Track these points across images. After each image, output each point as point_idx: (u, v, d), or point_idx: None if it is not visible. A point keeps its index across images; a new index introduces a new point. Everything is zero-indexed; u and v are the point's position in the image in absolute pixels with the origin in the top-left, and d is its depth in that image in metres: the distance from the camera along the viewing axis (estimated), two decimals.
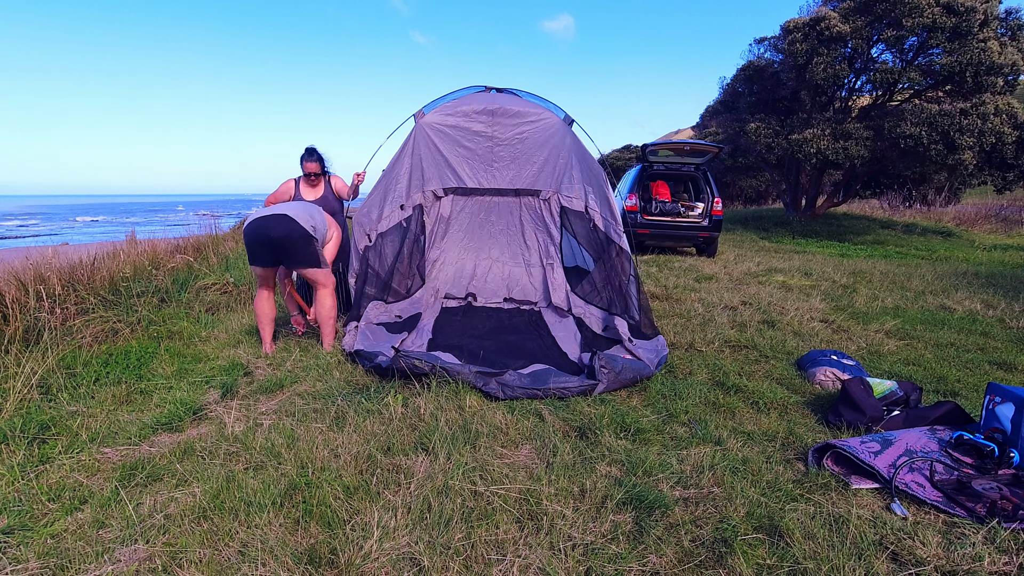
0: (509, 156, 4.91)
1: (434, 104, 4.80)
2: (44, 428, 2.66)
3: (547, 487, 2.11)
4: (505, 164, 4.95)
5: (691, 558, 1.76)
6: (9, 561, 1.75)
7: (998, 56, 11.22)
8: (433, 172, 4.91)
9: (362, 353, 3.49)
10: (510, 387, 3.02)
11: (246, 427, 2.62)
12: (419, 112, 4.74)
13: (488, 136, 4.80)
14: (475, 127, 4.75)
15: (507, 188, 5.03)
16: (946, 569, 1.71)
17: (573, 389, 3.07)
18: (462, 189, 5.02)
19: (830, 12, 12.54)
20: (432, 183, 4.94)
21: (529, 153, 4.89)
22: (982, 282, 6.80)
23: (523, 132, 4.79)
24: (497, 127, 4.77)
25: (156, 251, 6.40)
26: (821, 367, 3.37)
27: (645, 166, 9.73)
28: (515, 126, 4.77)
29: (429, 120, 4.72)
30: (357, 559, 1.71)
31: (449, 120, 4.73)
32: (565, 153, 4.79)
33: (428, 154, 4.83)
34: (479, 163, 4.95)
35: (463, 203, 5.11)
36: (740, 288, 6.19)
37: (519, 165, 4.95)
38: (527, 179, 4.99)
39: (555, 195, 4.91)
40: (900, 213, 18.27)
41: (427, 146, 4.80)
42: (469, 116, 4.72)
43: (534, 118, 4.75)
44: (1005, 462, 2.21)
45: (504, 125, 4.75)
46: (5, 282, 4.29)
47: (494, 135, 4.80)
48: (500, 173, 5.00)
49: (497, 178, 5.02)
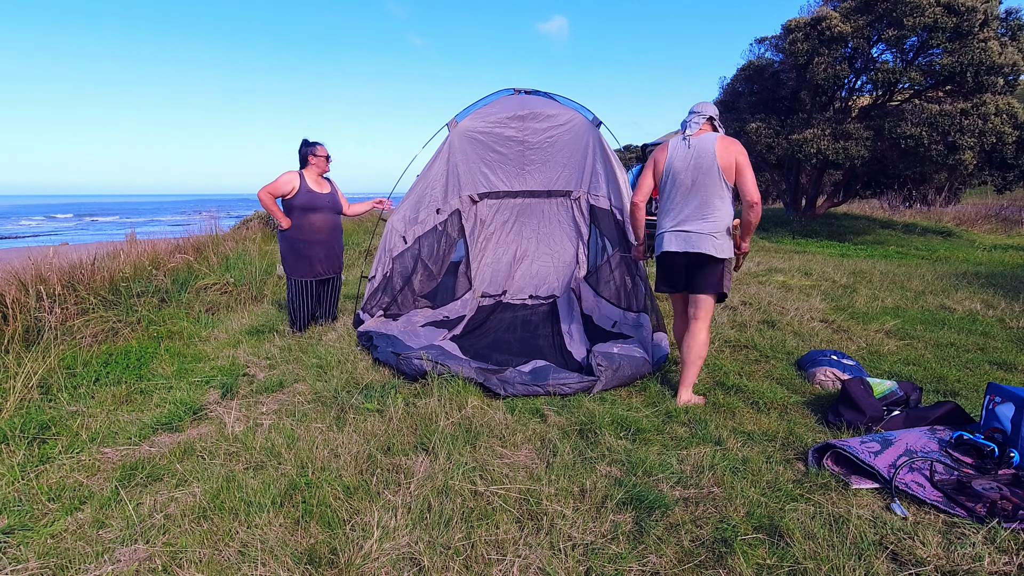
0: (540, 159, 5.03)
1: (466, 112, 4.91)
2: (44, 428, 2.66)
3: (547, 487, 2.11)
4: (536, 167, 5.08)
5: (691, 558, 1.76)
6: (9, 561, 1.75)
7: (998, 56, 11.21)
8: (468, 178, 5.06)
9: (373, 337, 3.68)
10: (510, 383, 3.04)
11: (246, 427, 2.62)
12: (452, 121, 4.85)
13: (519, 140, 4.94)
14: (507, 132, 4.89)
15: (539, 190, 5.15)
16: (946, 569, 1.71)
17: (572, 386, 3.08)
18: (496, 193, 5.18)
19: (831, 12, 12.53)
20: (468, 188, 5.08)
21: (559, 155, 4.99)
22: (982, 282, 6.80)
23: (552, 135, 4.90)
24: (528, 131, 4.90)
25: (156, 251, 6.40)
26: (821, 367, 3.37)
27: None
28: (545, 130, 4.88)
29: (463, 128, 4.85)
30: (357, 559, 1.71)
31: (481, 127, 4.86)
32: (592, 153, 4.86)
33: (463, 160, 4.97)
34: (511, 167, 5.10)
35: (498, 206, 5.26)
36: (740, 288, 6.19)
37: (550, 167, 5.07)
38: (557, 180, 5.10)
39: (585, 195, 4.98)
40: (900, 213, 18.26)
41: (462, 153, 4.94)
42: (501, 122, 4.86)
43: (563, 120, 4.84)
44: (1005, 462, 2.21)
45: (534, 129, 4.87)
46: (5, 282, 4.29)
47: (525, 139, 4.94)
48: (532, 176, 5.13)
49: (528, 181, 5.14)
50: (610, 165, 4.72)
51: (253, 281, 5.90)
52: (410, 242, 4.73)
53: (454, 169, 4.94)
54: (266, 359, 3.68)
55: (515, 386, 3.04)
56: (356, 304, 4.77)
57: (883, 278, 7.04)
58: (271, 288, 5.99)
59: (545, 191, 5.15)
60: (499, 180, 5.14)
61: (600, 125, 4.81)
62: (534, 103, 4.84)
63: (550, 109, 4.83)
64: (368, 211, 4.59)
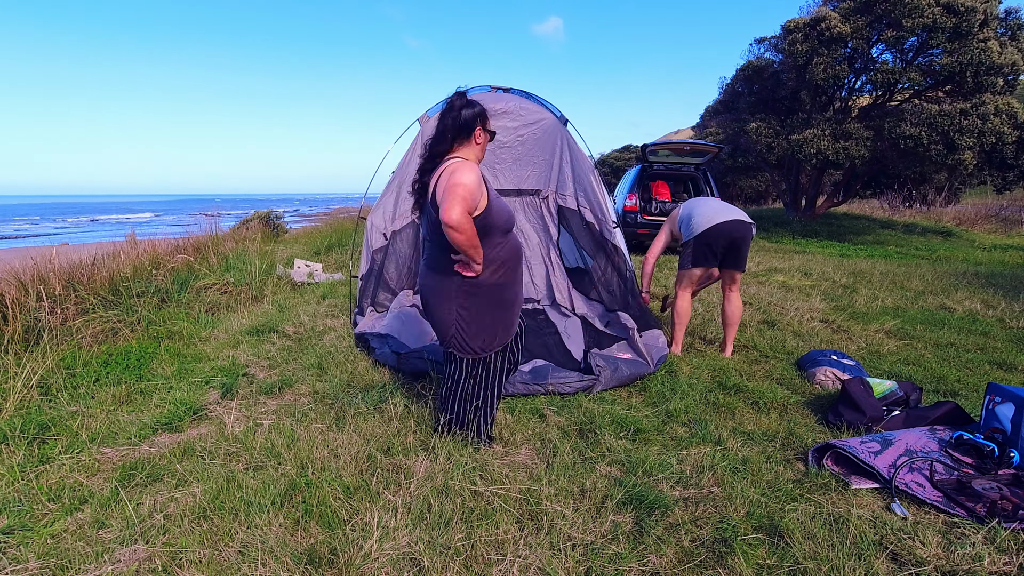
0: (511, 157, 4.97)
1: (437, 107, 4.84)
2: (44, 428, 2.66)
3: (547, 487, 2.11)
4: (507, 165, 5.02)
5: (691, 558, 1.76)
6: (9, 561, 1.75)
7: (998, 56, 11.21)
8: None
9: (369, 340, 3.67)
10: (511, 383, 3.03)
11: (246, 427, 2.62)
12: (424, 116, 4.78)
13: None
14: None
15: (510, 189, 5.09)
16: (946, 569, 1.71)
17: (573, 384, 3.08)
18: None
19: (830, 12, 12.53)
20: None
21: (530, 154, 4.94)
22: (982, 282, 6.80)
23: (523, 134, 4.84)
24: (499, 130, 4.83)
25: (156, 251, 6.39)
26: (821, 367, 3.37)
27: (645, 166, 9.74)
28: (516, 128, 4.82)
29: (433, 123, 4.78)
30: (357, 559, 1.70)
31: None
32: (560, 152, 4.84)
33: None
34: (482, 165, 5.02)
35: None
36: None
37: (521, 166, 5.01)
38: (528, 179, 5.05)
39: (553, 194, 4.96)
40: (900, 213, 18.25)
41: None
42: None
43: (533, 119, 4.80)
44: (1005, 462, 2.21)
45: (505, 128, 4.80)
46: (5, 282, 4.29)
47: (496, 138, 4.85)
48: (503, 174, 5.06)
49: (500, 179, 5.07)
50: (579, 164, 4.73)
51: (253, 281, 5.89)
52: (390, 237, 4.70)
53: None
54: (266, 359, 3.68)
55: (515, 385, 3.04)
56: (352, 304, 4.77)
57: (883, 278, 7.04)
58: (271, 288, 5.99)
59: (515, 190, 5.08)
60: None
61: (567, 123, 4.77)
62: (507, 101, 4.78)
63: (522, 107, 4.77)
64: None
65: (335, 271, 7.38)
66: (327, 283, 6.37)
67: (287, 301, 5.44)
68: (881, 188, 18.13)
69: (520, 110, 4.76)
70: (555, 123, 4.79)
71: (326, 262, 8.14)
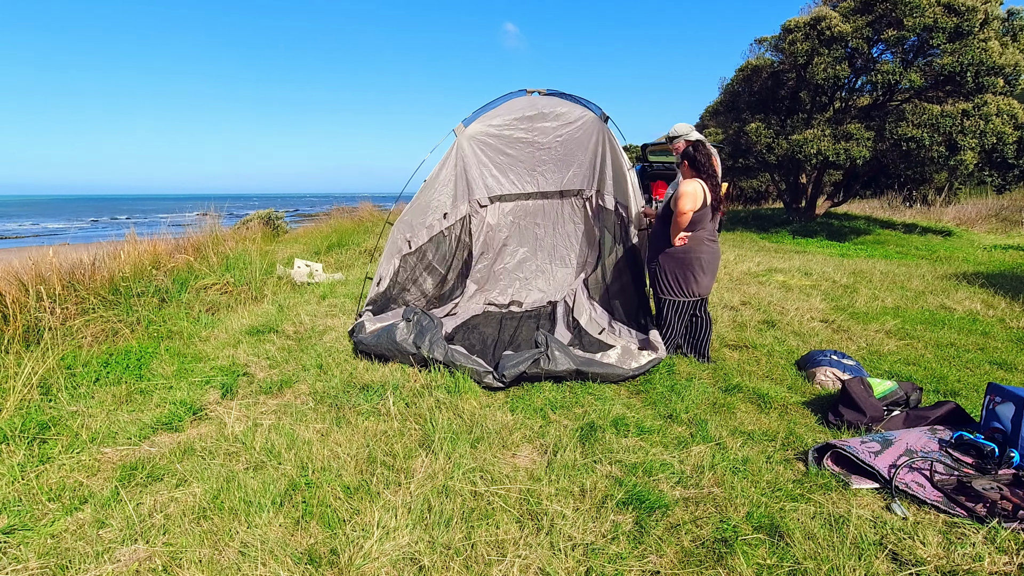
0: (551, 159, 4.95)
1: (475, 116, 4.82)
2: (44, 428, 2.66)
3: (547, 487, 2.11)
4: (548, 168, 5.00)
5: (691, 558, 1.76)
6: (9, 561, 1.75)
7: (999, 56, 11.20)
8: (478, 182, 5.02)
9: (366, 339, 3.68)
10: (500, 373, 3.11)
11: (246, 427, 2.62)
12: (459, 125, 4.77)
13: (529, 142, 4.85)
14: (516, 134, 4.81)
15: (551, 191, 5.08)
16: (946, 569, 1.71)
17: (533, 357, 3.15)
18: (507, 196, 5.11)
19: (830, 12, 12.52)
20: (478, 192, 5.03)
21: (571, 154, 4.90)
22: (982, 282, 6.80)
23: (562, 134, 4.80)
24: (536, 132, 4.81)
25: (156, 251, 6.39)
26: (821, 367, 3.37)
27: (645, 166, 9.74)
28: (554, 129, 4.78)
29: (471, 132, 4.78)
30: (357, 559, 1.70)
31: (490, 130, 4.80)
32: (600, 151, 4.77)
33: (472, 165, 4.91)
34: (522, 169, 5.03)
35: (509, 209, 5.20)
36: (740, 288, 6.19)
37: (563, 167, 4.98)
38: (570, 180, 5.01)
39: (596, 194, 4.88)
40: (900, 213, 18.23)
41: (471, 157, 4.89)
42: (510, 124, 4.77)
43: (572, 118, 4.73)
44: (1005, 462, 2.21)
45: (543, 130, 4.78)
46: (5, 282, 4.28)
47: (535, 140, 4.85)
48: (544, 177, 5.06)
49: (540, 182, 5.07)
50: (617, 162, 4.65)
51: (253, 281, 5.89)
52: (415, 247, 4.69)
53: (463, 174, 4.89)
54: (266, 359, 3.68)
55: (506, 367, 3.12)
56: (359, 304, 4.75)
57: (883, 278, 7.04)
58: (271, 288, 5.99)
59: (557, 192, 5.07)
60: (510, 183, 5.08)
61: (608, 120, 4.69)
62: (543, 103, 4.73)
63: (559, 108, 4.71)
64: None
65: (335, 271, 7.39)
66: (327, 283, 6.37)
67: (287, 301, 5.44)
68: (881, 188, 18.13)
69: (557, 110, 4.70)
70: (595, 120, 4.69)
71: (326, 262, 8.14)
